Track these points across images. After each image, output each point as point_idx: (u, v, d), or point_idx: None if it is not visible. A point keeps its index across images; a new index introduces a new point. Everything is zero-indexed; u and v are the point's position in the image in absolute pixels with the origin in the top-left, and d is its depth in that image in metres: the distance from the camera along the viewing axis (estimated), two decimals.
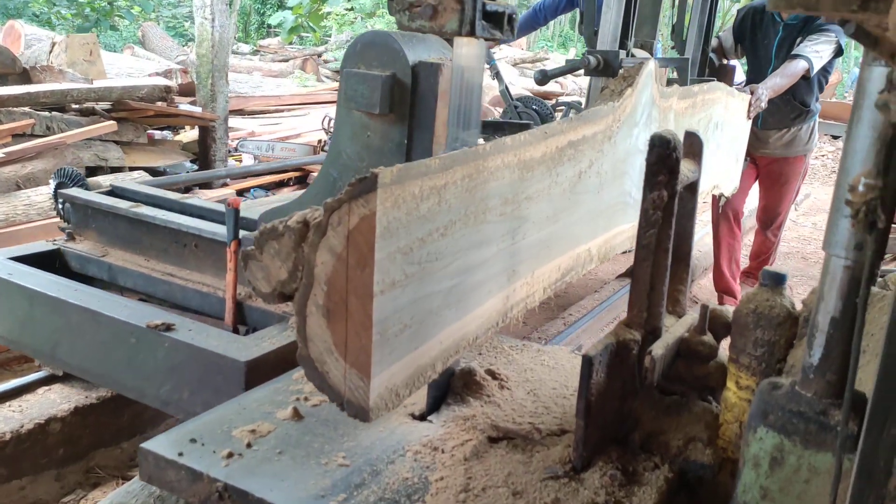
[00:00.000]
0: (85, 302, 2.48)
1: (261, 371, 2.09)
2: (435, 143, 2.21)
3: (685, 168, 1.66)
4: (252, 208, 2.92)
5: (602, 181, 1.96)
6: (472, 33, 1.47)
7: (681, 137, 2.42)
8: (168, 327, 2.30)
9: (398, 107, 2.24)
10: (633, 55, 3.47)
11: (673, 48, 4.15)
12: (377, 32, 2.32)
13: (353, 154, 2.39)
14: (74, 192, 3.09)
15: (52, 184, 3.17)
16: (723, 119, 3.23)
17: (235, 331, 2.50)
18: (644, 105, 2.21)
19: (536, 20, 4.99)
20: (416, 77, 2.21)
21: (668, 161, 1.54)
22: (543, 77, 3.64)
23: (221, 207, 2.80)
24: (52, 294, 2.55)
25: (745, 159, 3.98)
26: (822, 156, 10.44)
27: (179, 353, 2.25)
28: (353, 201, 1.12)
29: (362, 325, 1.16)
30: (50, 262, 2.98)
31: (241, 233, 2.44)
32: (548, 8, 4.79)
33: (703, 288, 4.77)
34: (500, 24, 1.53)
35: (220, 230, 2.67)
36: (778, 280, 1.55)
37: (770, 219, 4.44)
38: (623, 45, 3.38)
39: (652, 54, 3.75)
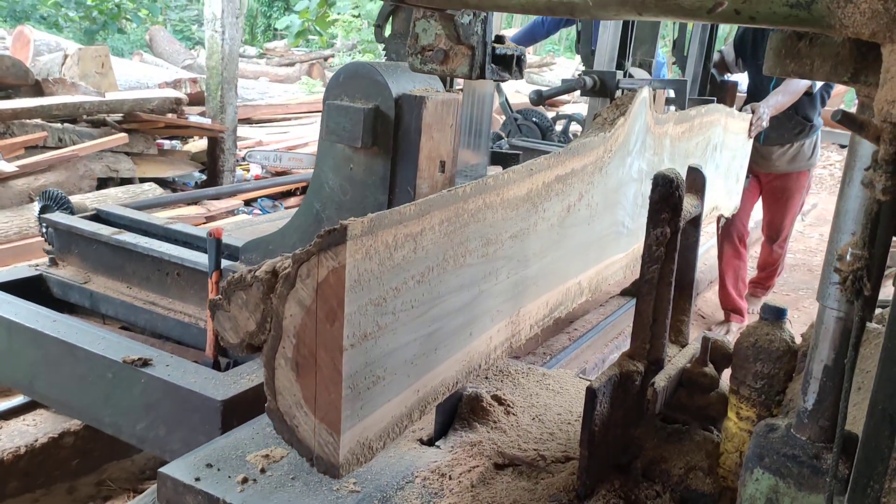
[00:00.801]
0: (62, 334, 2.42)
1: (238, 410, 2.06)
2: (418, 176, 2.18)
3: (688, 203, 1.71)
4: (237, 234, 2.90)
5: (592, 213, 1.95)
6: (481, 76, 1.52)
7: (677, 162, 2.47)
8: (145, 362, 2.24)
9: (381, 140, 2.22)
10: (630, 75, 3.45)
11: (674, 63, 4.13)
12: (360, 64, 2.31)
13: (335, 186, 2.36)
14: (57, 216, 3.04)
15: (37, 207, 3.08)
16: (722, 140, 3.21)
17: (216, 363, 2.45)
18: (638, 133, 2.20)
19: (536, 33, 5.01)
20: (400, 110, 2.18)
21: (670, 199, 1.59)
22: (539, 98, 3.67)
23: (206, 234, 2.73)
24: (29, 325, 2.49)
25: (748, 176, 3.98)
26: (830, 165, 10.45)
27: (156, 389, 2.19)
28: (322, 254, 1.10)
29: (332, 380, 1.14)
30: (32, 288, 2.92)
31: (224, 262, 2.42)
32: (550, 22, 4.80)
33: (707, 301, 4.80)
34: (508, 67, 1.58)
35: (202, 259, 2.64)
36: (778, 314, 1.59)
37: (775, 233, 4.44)
38: (620, 66, 3.36)
39: (651, 73, 3.75)
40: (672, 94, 3.44)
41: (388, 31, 2.50)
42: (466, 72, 1.51)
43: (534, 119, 4.83)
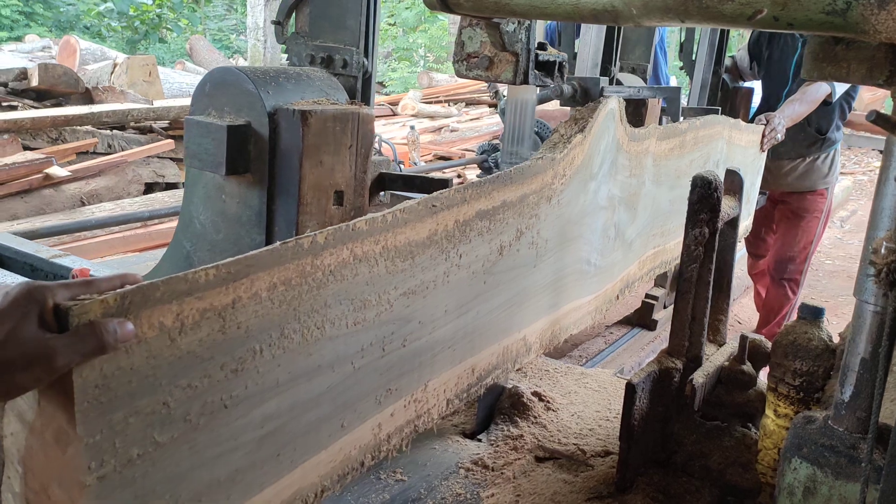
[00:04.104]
0: None
1: None
2: (302, 211, 1.74)
3: (726, 205, 1.75)
4: (109, 273, 2.25)
5: (540, 252, 1.65)
6: (525, 82, 1.58)
7: (664, 184, 2.34)
8: None
9: (256, 165, 1.77)
10: (618, 82, 3.05)
11: (682, 69, 3.79)
12: (228, 70, 1.83)
13: (206, 222, 1.90)
14: None
15: None
16: (725, 156, 2.88)
17: None
18: (604, 152, 1.88)
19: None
20: (276, 127, 1.74)
21: (709, 200, 1.64)
22: None
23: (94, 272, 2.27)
24: None
25: (763, 193, 3.69)
26: (870, 171, 10.30)
27: None
28: None
29: None
30: None
31: None
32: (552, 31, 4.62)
33: (744, 307, 4.79)
34: (551, 73, 1.64)
35: None
36: (816, 314, 1.62)
37: (783, 263, 3.79)
38: (606, 71, 2.94)
39: (646, 80, 3.39)
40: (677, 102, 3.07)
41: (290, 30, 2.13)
42: (511, 77, 1.57)
43: (535, 129, 4.73)
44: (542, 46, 1.66)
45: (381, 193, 2.06)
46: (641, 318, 3.57)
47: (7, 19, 18.70)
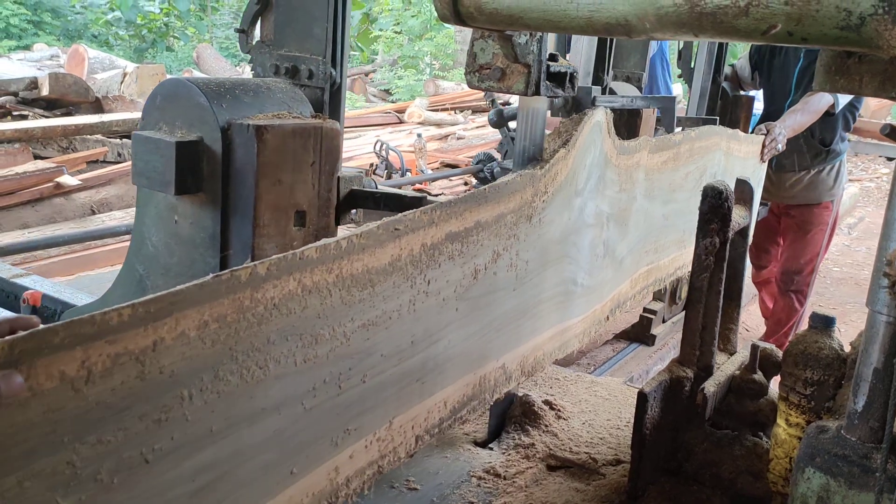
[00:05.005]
0: None
1: None
2: (258, 234, 1.63)
3: (736, 214, 1.76)
4: (71, 293, 2.24)
5: (520, 274, 1.57)
6: (537, 93, 1.59)
7: (657, 198, 2.28)
8: None
9: (209, 184, 1.64)
10: (612, 91, 2.96)
11: (680, 77, 3.71)
12: (179, 82, 1.71)
13: (159, 244, 1.77)
14: None
15: None
16: (723, 167, 2.81)
17: None
18: (591, 167, 1.80)
19: None
20: (230, 143, 1.61)
21: (719, 210, 1.65)
22: (499, 118, 3.15)
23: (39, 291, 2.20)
24: None
25: (765, 204, 3.67)
26: (877, 177, 10.29)
27: None
28: None
29: None
30: None
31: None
32: None
33: (752, 314, 4.78)
34: (562, 84, 1.65)
35: None
36: (827, 323, 1.63)
37: (789, 276, 3.77)
38: (598, 80, 2.84)
39: (641, 89, 3.30)
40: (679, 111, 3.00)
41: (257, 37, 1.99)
42: (522, 89, 1.58)
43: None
44: (553, 57, 1.67)
45: (354, 211, 1.94)
46: (639, 333, 3.47)
47: (16, 28, 18.85)
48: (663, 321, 3.52)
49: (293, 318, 1.01)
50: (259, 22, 1.93)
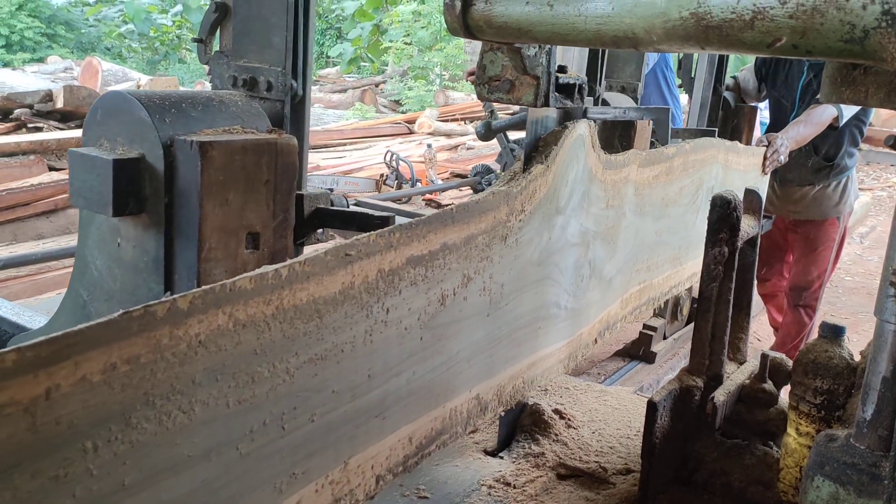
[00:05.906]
0: None
1: None
2: (204, 258, 1.51)
3: (745, 224, 1.77)
4: (30, 316, 2.11)
5: (495, 299, 1.49)
6: (545, 104, 1.61)
7: (649, 214, 2.21)
8: None
9: (152, 205, 1.53)
10: (605, 102, 2.86)
11: (680, 87, 3.65)
12: (120, 95, 1.59)
13: (103, 268, 1.66)
14: None
15: None
16: (720, 181, 2.73)
17: None
18: (573, 183, 1.73)
19: None
20: (172, 161, 1.49)
21: (728, 220, 1.66)
22: (487, 131, 3.10)
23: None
24: None
25: (769, 217, 3.63)
26: (889, 186, 10.25)
27: None
28: None
29: None
30: None
31: None
32: None
33: (763, 324, 4.77)
34: (571, 95, 1.67)
35: None
36: (837, 332, 1.63)
37: (798, 291, 3.75)
38: (590, 91, 2.70)
39: (636, 100, 3.21)
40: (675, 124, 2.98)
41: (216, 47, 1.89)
42: (531, 100, 1.60)
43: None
44: (562, 69, 1.69)
45: (320, 231, 1.85)
46: (639, 351, 3.38)
47: (30, 41, 19.08)
48: (664, 338, 3.44)
49: (223, 355, 0.91)
50: (218, 31, 1.84)
